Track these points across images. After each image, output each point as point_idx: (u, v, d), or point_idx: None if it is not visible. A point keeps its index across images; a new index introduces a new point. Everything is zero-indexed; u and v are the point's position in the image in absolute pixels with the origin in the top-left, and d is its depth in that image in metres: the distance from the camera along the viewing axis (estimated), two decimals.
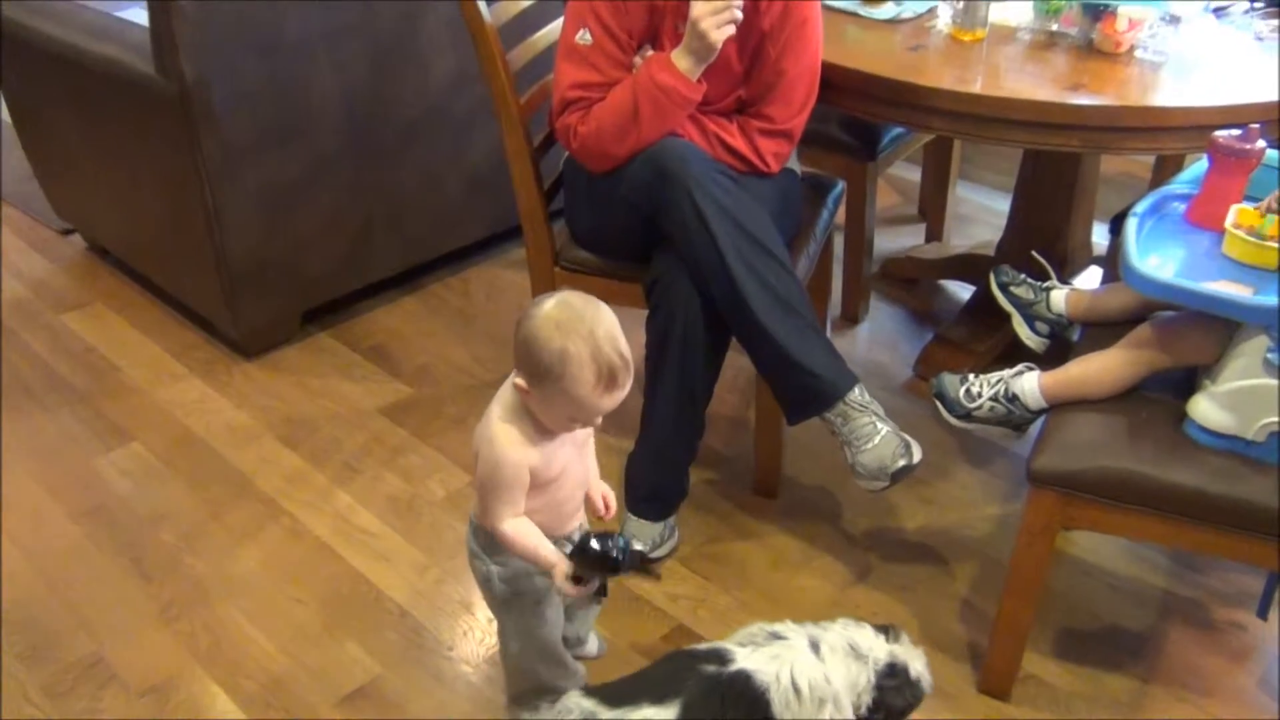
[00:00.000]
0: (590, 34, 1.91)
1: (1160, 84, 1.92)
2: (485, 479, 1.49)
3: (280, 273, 2.63)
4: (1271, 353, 1.48)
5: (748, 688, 1.39)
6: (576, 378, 1.38)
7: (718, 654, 1.43)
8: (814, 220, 2.23)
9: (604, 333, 1.40)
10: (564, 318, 1.40)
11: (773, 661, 1.41)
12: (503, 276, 3.02)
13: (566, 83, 1.94)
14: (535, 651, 1.64)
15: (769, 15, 1.92)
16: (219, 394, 2.57)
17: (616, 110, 1.89)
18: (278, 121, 2.47)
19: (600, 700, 1.38)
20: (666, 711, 1.35)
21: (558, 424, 1.46)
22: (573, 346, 1.38)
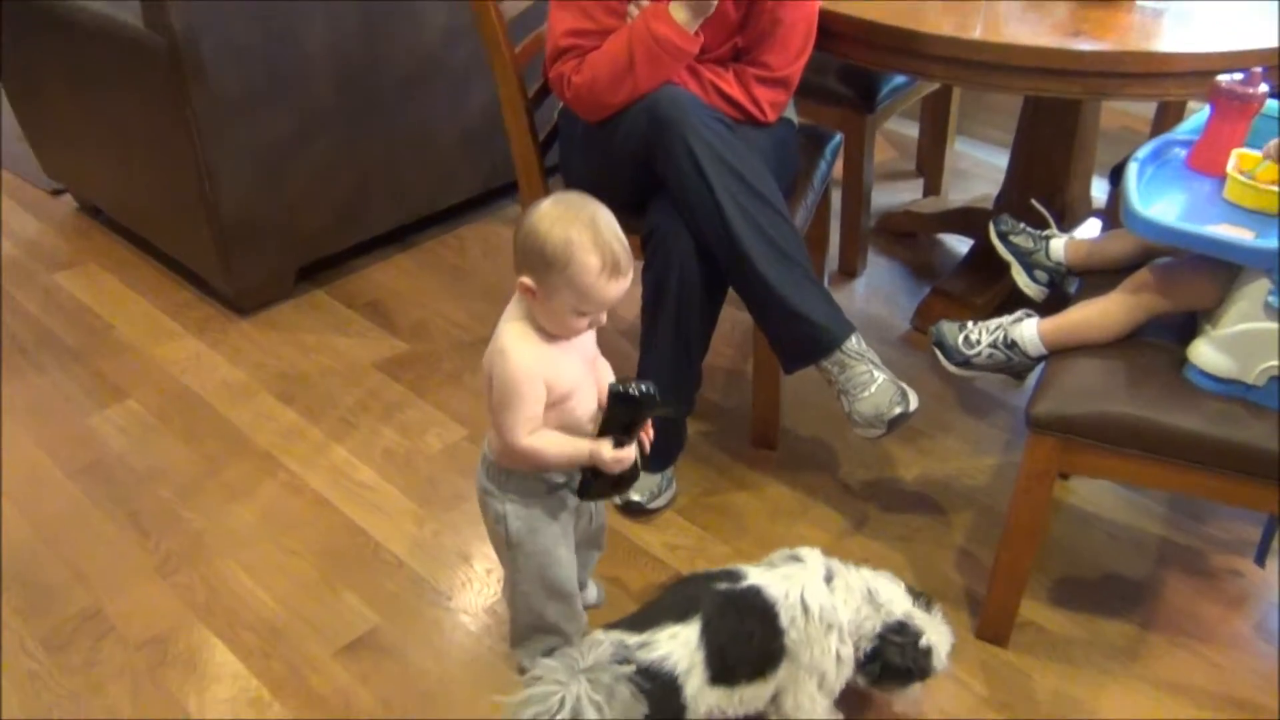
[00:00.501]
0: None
1: (1162, 29, 1.90)
2: (500, 396, 1.47)
3: (274, 229, 2.62)
4: (1272, 295, 1.47)
5: (758, 600, 1.46)
6: (582, 264, 1.39)
7: (729, 574, 1.50)
8: (812, 171, 2.22)
9: (604, 221, 1.43)
10: (564, 210, 1.42)
11: (783, 581, 1.48)
12: (498, 233, 3.00)
13: (560, 30, 1.91)
14: (545, 591, 1.62)
15: None
16: (214, 351, 2.55)
17: (612, 60, 1.87)
18: (269, 76, 2.45)
19: (625, 629, 1.41)
20: (690, 628, 1.41)
21: (564, 324, 1.45)
22: (575, 234, 1.39)
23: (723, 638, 1.42)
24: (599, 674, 1.31)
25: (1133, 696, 1.73)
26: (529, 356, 1.45)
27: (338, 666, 1.78)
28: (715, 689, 1.42)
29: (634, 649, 1.38)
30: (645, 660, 1.37)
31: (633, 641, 1.39)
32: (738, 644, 1.44)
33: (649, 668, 1.37)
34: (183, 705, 1.72)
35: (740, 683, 1.45)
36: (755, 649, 1.45)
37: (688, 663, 1.39)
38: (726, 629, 1.43)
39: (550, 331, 1.47)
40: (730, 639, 1.43)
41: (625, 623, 1.45)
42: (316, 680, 1.76)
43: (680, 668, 1.38)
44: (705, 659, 1.40)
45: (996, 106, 3.31)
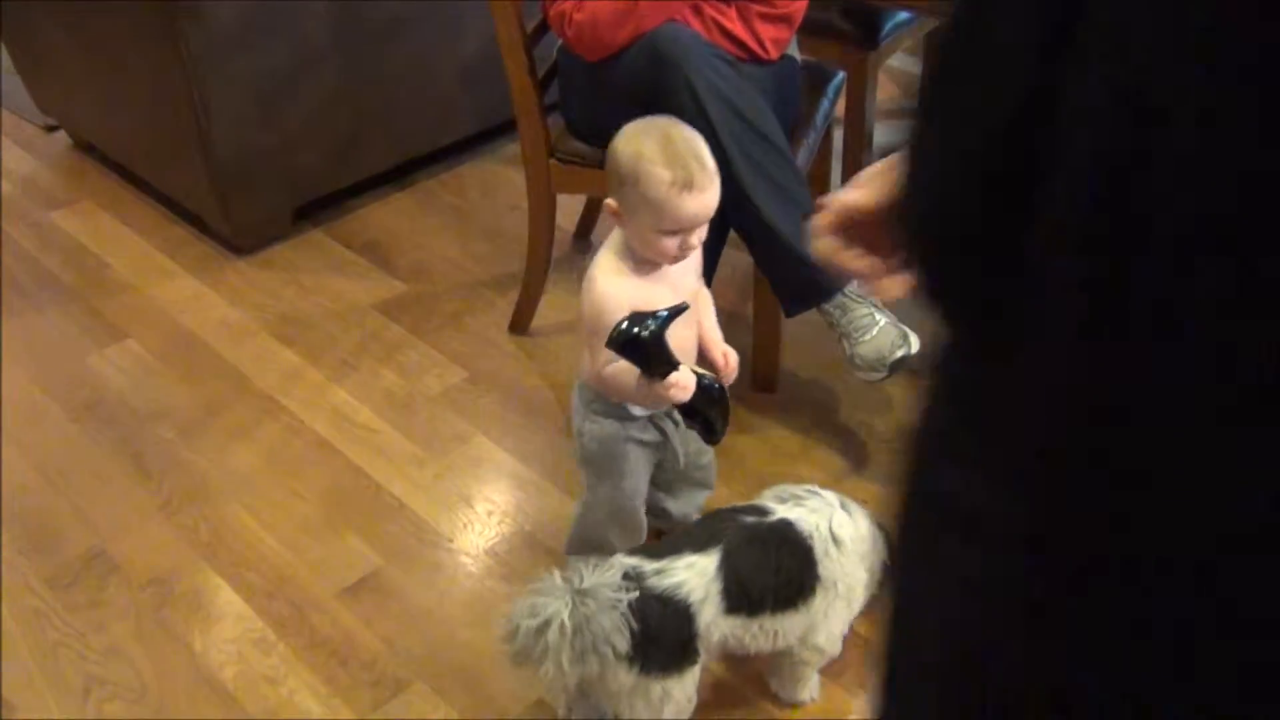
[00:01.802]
0: None
1: None
2: (587, 323, 1.50)
3: (270, 168, 2.59)
4: None
5: (791, 533, 1.46)
6: (651, 176, 1.40)
7: (755, 508, 1.50)
8: (814, 110, 2.19)
9: (680, 136, 1.43)
10: (641, 127, 1.45)
11: (812, 515, 1.48)
12: (497, 173, 2.97)
13: None
14: (609, 515, 1.67)
15: None
16: (212, 291, 2.55)
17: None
18: (264, 9, 2.41)
19: (644, 555, 1.42)
20: (709, 558, 1.41)
21: (651, 246, 1.46)
22: (646, 148, 1.41)
23: (744, 569, 1.42)
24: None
25: None
26: (614, 286, 1.46)
27: (340, 607, 1.80)
28: (731, 618, 1.42)
29: (649, 575, 1.38)
30: (659, 586, 1.38)
31: (649, 567, 1.39)
32: (762, 575, 1.43)
33: (661, 594, 1.37)
34: (187, 644, 1.74)
35: (763, 613, 1.45)
36: (785, 580, 1.45)
37: (703, 592, 1.39)
38: (749, 561, 1.43)
39: (642, 257, 1.48)
40: (754, 570, 1.43)
41: (646, 549, 1.46)
42: (319, 620, 1.78)
43: (695, 596, 1.39)
44: (722, 589, 1.41)
45: None
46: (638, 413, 1.59)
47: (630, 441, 1.61)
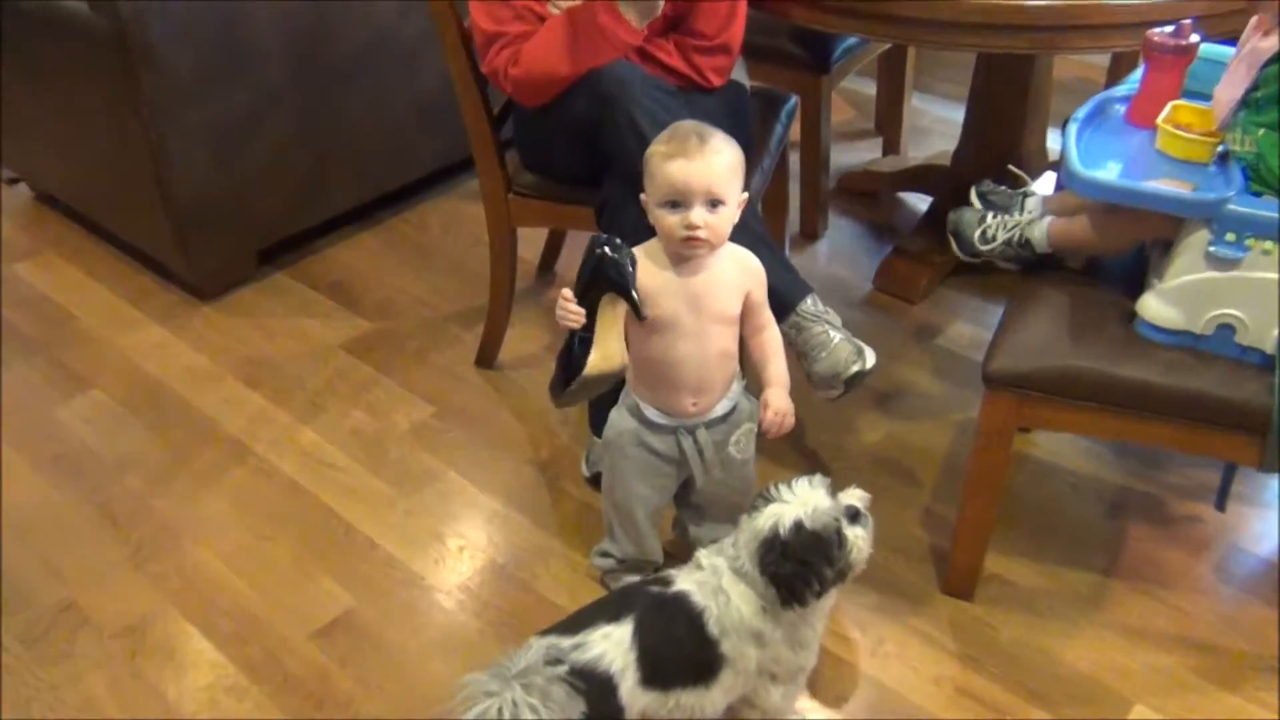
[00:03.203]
0: None
1: None
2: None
3: (231, 212, 2.60)
4: (1212, 245, 1.50)
5: (684, 607, 1.44)
6: (652, 152, 1.51)
7: (661, 578, 1.49)
8: (767, 136, 2.22)
9: (691, 121, 1.54)
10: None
11: (707, 586, 1.45)
12: (459, 208, 2.99)
13: (483, 22, 1.92)
14: (612, 505, 1.75)
15: None
16: (178, 338, 2.54)
17: (548, 47, 1.88)
18: (219, 54, 2.42)
19: (559, 633, 1.40)
20: (623, 628, 1.40)
21: (658, 224, 1.53)
22: (661, 136, 1.54)
23: (652, 640, 1.40)
24: (531, 676, 1.30)
25: (1097, 644, 1.77)
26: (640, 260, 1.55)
27: (314, 649, 1.80)
28: (648, 692, 1.40)
29: (567, 650, 1.36)
30: (579, 661, 1.35)
31: (566, 644, 1.37)
32: (668, 648, 1.41)
33: (583, 668, 1.35)
34: (161, 694, 1.73)
35: (675, 688, 1.42)
36: (687, 656, 1.43)
37: (621, 662, 1.37)
38: (656, 632, 1.41)
39: (670, 249, 1.54)
40: (660, 642, 1.41)
41: (559, 627, 1.43)
42: (293, 664, 1.77)
43: (615, 667, 1.36)
44: (637, 659, 1.38)
45: (953, 62, 3.31)
46: (655, 419, 1.62)
47: (641, 446, 1.64)
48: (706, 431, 1.64)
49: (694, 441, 1.64)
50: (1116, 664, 1.74)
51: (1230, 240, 1.49)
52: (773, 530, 1.40)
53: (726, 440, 1.67)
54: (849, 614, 1.81)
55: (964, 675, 1.73)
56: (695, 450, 1.64)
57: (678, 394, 1.61)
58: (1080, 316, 1.66)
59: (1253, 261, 1.49)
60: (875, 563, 1.87)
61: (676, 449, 1.65)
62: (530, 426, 2.24)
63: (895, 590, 1.86)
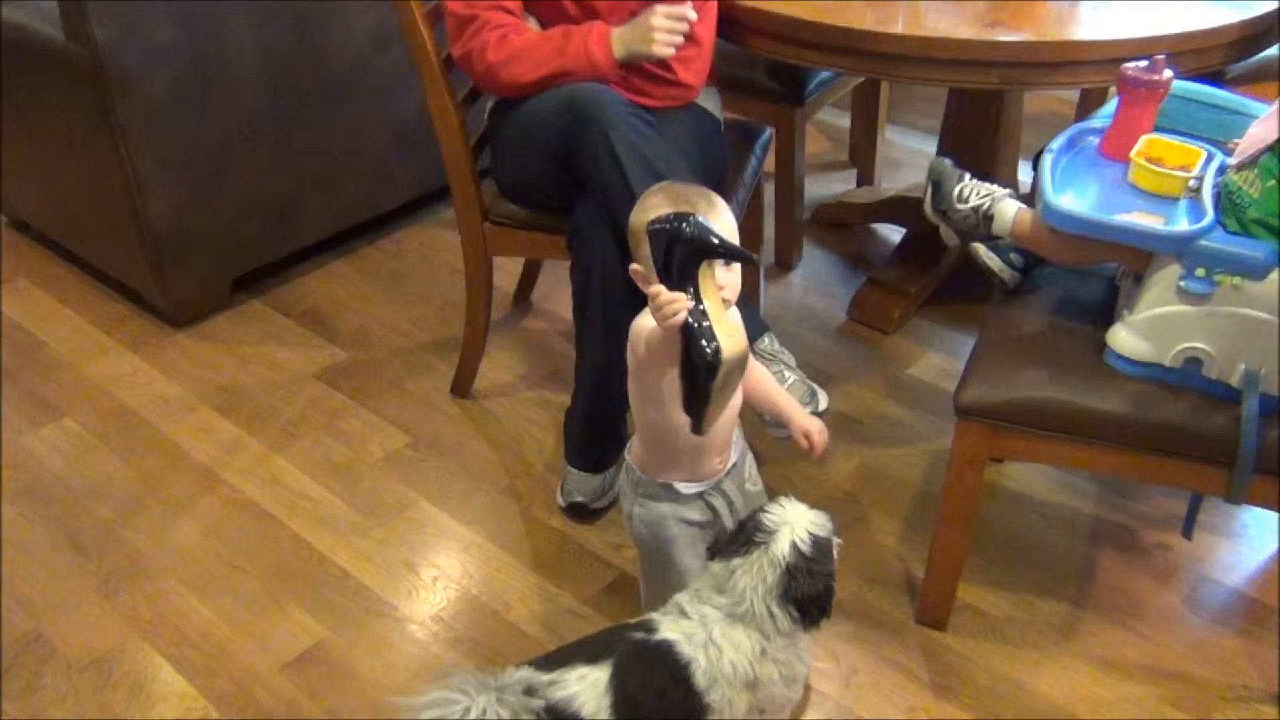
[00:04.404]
0: None
1: (1077, 18, 1.94)
2: (632, 366, 1.52)
3: (207, 240, 2.59)
4: (1184, 280, 1.52)
5: (670, 658, 1.41)
6: (656, 209, 1.43)
7: (644, 624, 1.46)
8: (742, 168, 2.24)
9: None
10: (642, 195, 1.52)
11: (695, 636, 1.42)
12: (435, 236, 2.99)
13: (457, 8, 1.95)
14: (663, 589, 1.60)
15: None
16: (150, 366, 2.53)
17: (536, 59, 1.92)
18: (196, 83, 2.42)
19: (536, 667, 1.38)
20: (600, 671, 1.38)
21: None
22: (650, 198, 1.50)
23: (630, 688, 1.37)
24: (507, 694, 1.28)
25: (1069, 674, 1.77)
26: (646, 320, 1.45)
27: (285, 681, 1.78)
28: None
29: (543, 685, 1.34)
30: (552, 698, 1.34)
31: (543, 678, 1.35)
32: (647, 697, 1.39)
33: (555, 705, 1.33)
34: None
35: None
36: (667, 706, 1.40)
37: (594, 706, 1.35)
38: (635, 680, 1.38)
39: None
40: (639, 691, 1.38)
41: (538, 661, 1.41)
42: (264, 696, 1.76)
43: (586, 710, 1.34)
44: (612, 705, 1.36)
45: (926, 95, 3.35)
46: (687, 491, 1.58)
47: (680, 522, 1.59)
48: (730, 482, 1.62)
49: (724, 497, 1.61)
50: (1088, 694, 1.74)
51: (1200, 275, 1.51)
52: (794, 551, 1.38)
53: (742, 480, 1.65)
54: (822, 643, 1.81)
55: (937, 705, 1.73)
56: (726, 505, 1.62)
57: (707, 457, 1.58)
58: (1051, 347, 1.67)
59: (1222, 296, 1.50)
60: (849, 592, 1.90)
61: (708, 511, 1.61)
62: (505, 456, 2.24)
63: (869, 620, 1.87)
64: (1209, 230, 1.50)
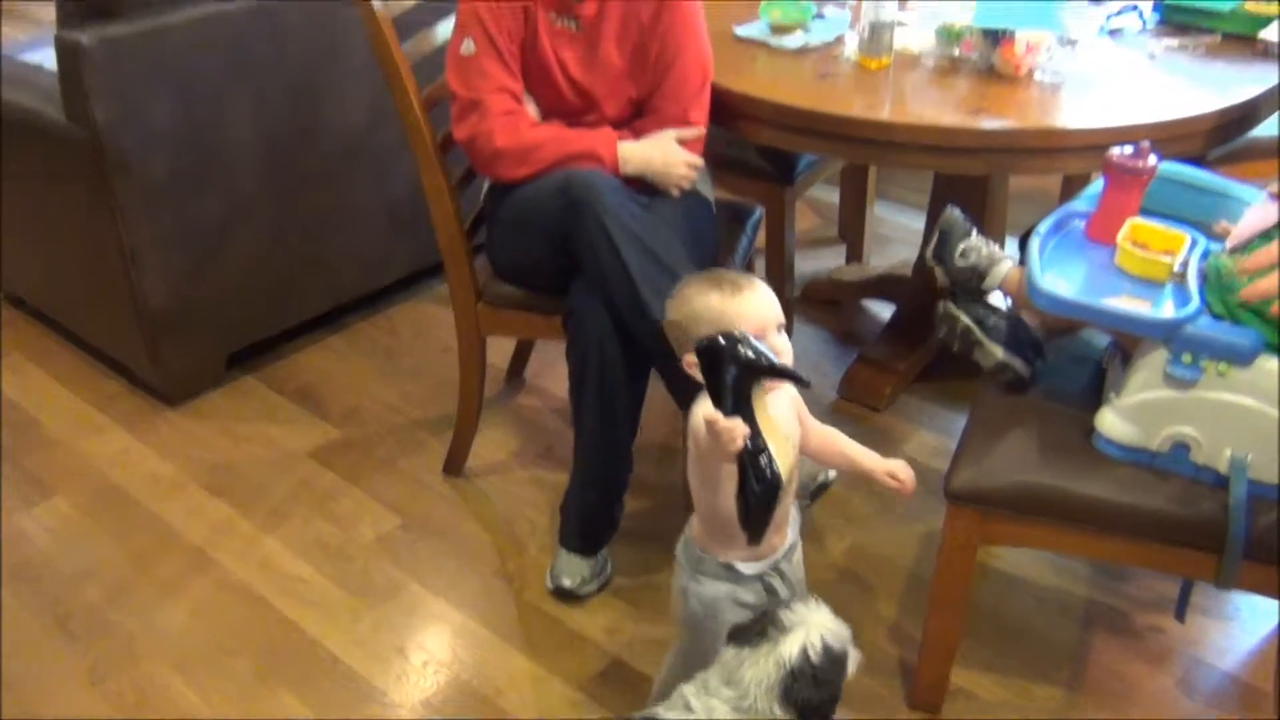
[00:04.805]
0: (474, 43, 1.97)
1: (1060, 105, 1.97)
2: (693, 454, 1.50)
3: (202, 317, 2.60)
4: (1170, 365, 1.53)
5: None
6: (703, 302, 1.44)
7: (648, 718, 1.43)
8: (733, 247, 2.26)
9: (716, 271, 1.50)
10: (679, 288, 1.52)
11: None
12: (429, 312, 3.01)
13: (461, 92, 2.00)
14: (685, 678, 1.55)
15: (645, 8, 1.99)
16: (142, 444, 2.53)
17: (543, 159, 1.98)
18: (194, 162, 2.45)
19: None
20: None
21: None
22: (689, 288, 1.49)
23: None
24: None
25: None
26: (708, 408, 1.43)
27: None
28: None
29: None
30: None
31: None
32: None
33: None
34: None
35: None
36: None
37: None
38: None
39: None
40: None
41: None
42: None
43: None
44: None
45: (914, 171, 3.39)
46: (748, 571, 1.54)
47: (735, 605, 1.55)
48: (787, 562, 1.59)
49: (782, 578, 1.57)
50: None
51: (1187, 361, 1.52)
52: (802, 656, 1.36)
53: (798, 560, 1.62)
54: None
55: None
56: (785, 586, 1.58)
57: (767, 536, 1.52)
58: (1039, 431, 1.68)
59: (1208, 382, 1.52)
60: None
61: (764, 594, 1.56)
62: (497, 537, 2.23)
63: (861, 704, 1.85)
64: (1195, 316, 1.52)
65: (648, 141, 2.03)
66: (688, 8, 2.00)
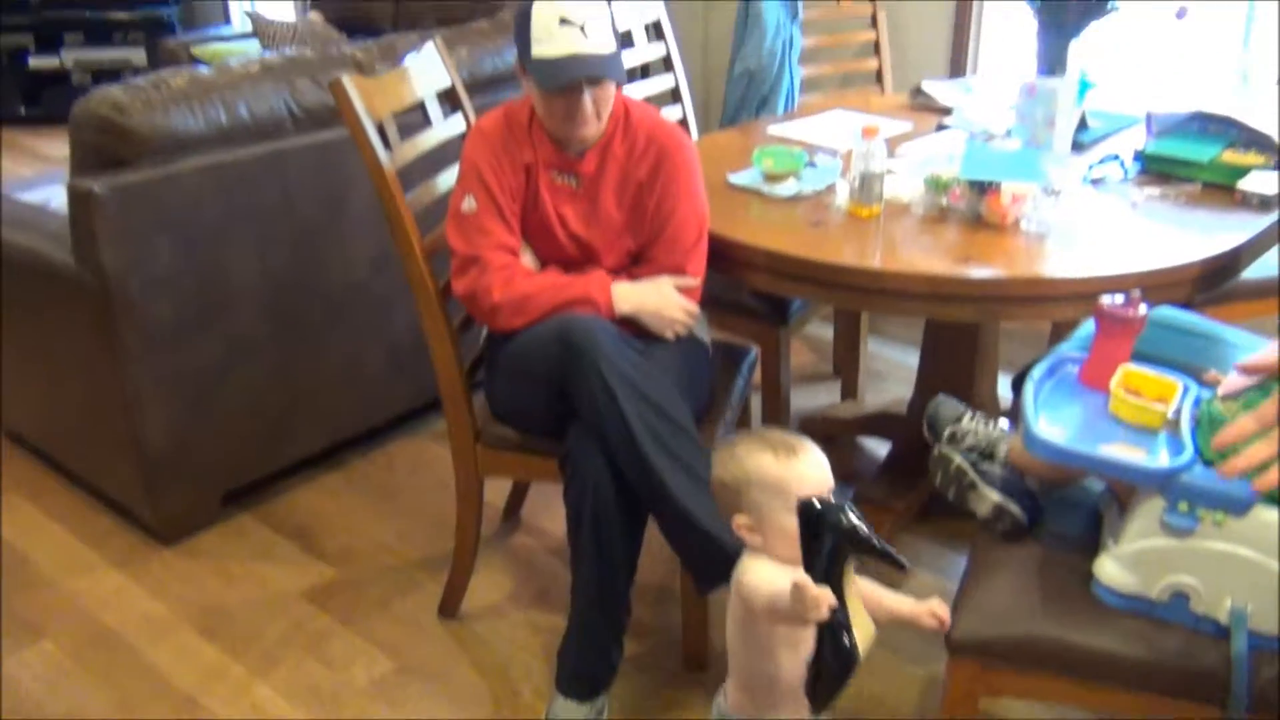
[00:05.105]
0: (475, 201, 2.03)
1: (1047, 254, 2.02)
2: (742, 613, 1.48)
3: (199, 456, 2.61)
4: (1166, 514, 1.54)
5: None
6: (758, 465, 1.45)
7: None
8: (729, 389, 2.29)
9: (764, 430, 1.50)
10: (725, 451, 1.51)
11: None
12: (427, 449, 3.02)
13: (461, 248, 2.04)
14: None
15: (644, 164, 2.04)
16: (135, 584, 2.50)
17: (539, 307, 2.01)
18: (198, 305, 2.49)
19: None
20: None
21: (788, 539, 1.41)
22: (738, 450, 1.48)
23: None
24: None
25: None
26: (769, 569, 1.45)
27: None
28: None
29: None
30: None
31: None
32: None
33: None
34: None
35: None
36: None
37: None
38: None
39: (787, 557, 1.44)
40: None
41: None
42: None
43: None
44: None
45: None
46: None
47: None
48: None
49: None
50: None
51: (1183, 510, 1.53)
52: None
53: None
54: None
55: None
56: None
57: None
58: (1039, 578, 1.68)
59: (1205, 532, 1.52)
60: None
61: None
62: (492, 682, 2.20)
63: None
64: (1189, 466, 1.53)
65: (643, 284, 2.07)
66: (685, 163, 2.07)
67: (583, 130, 2.01)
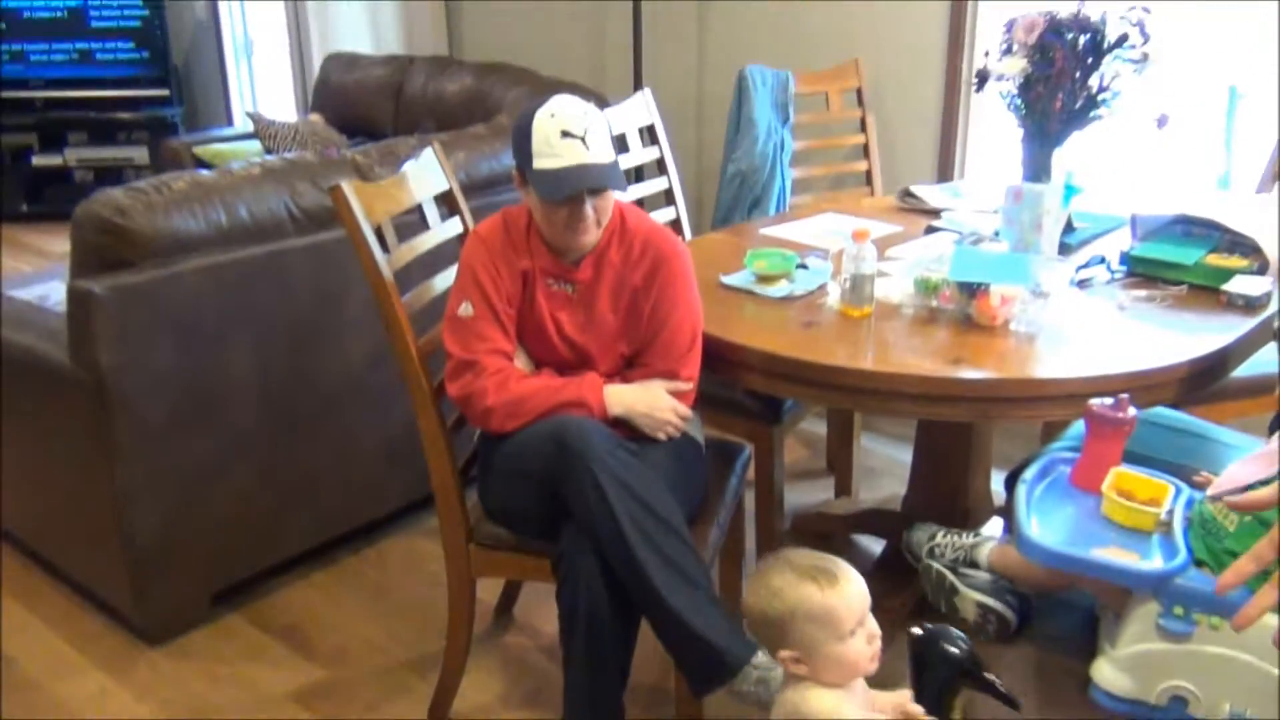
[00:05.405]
0: (472, 306, 2.05)
1: (1036, 355, 2.04)
2: None
3: (188, 555, 2.59)
4: (1162, 618, 1.54)
5: None
6: (801, 598, 1.45)
7: None
8: (722, 488, 2.29)
9: (787, 557, 1.50)
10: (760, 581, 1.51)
11: None
12: (420, 546, 3.00)
13: (457, 352, 2.06)
14: None
15: (639, 271, 2.06)
16: (120, 687, 2.47)
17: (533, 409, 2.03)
18: (193, 404, 2.50)
19: None
20: None
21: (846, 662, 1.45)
22: (775, 584, 1.47)
23: None
24: None
25: None
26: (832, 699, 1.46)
27: None
28: None
29: None
30: None
31: None
32: None
33: None
34: None
35: None
36: None
37: None
38: None
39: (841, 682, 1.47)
40: None
41: None
42: None
43: None
44: None
45: None
46: None
47: None
48: None
49: None
50: None
51: (1178, 614, 1.53)
52: None
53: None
54: None
55: None
56: None
57: None
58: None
59: (1202, 636, 1.52)
60: None
61: None
62: None
63: None
64: (1183, 569, 1.53)
65: (635, 386, 2.09)
66: (680, 269, 2.10)
67: (583, 239, 2.04)
